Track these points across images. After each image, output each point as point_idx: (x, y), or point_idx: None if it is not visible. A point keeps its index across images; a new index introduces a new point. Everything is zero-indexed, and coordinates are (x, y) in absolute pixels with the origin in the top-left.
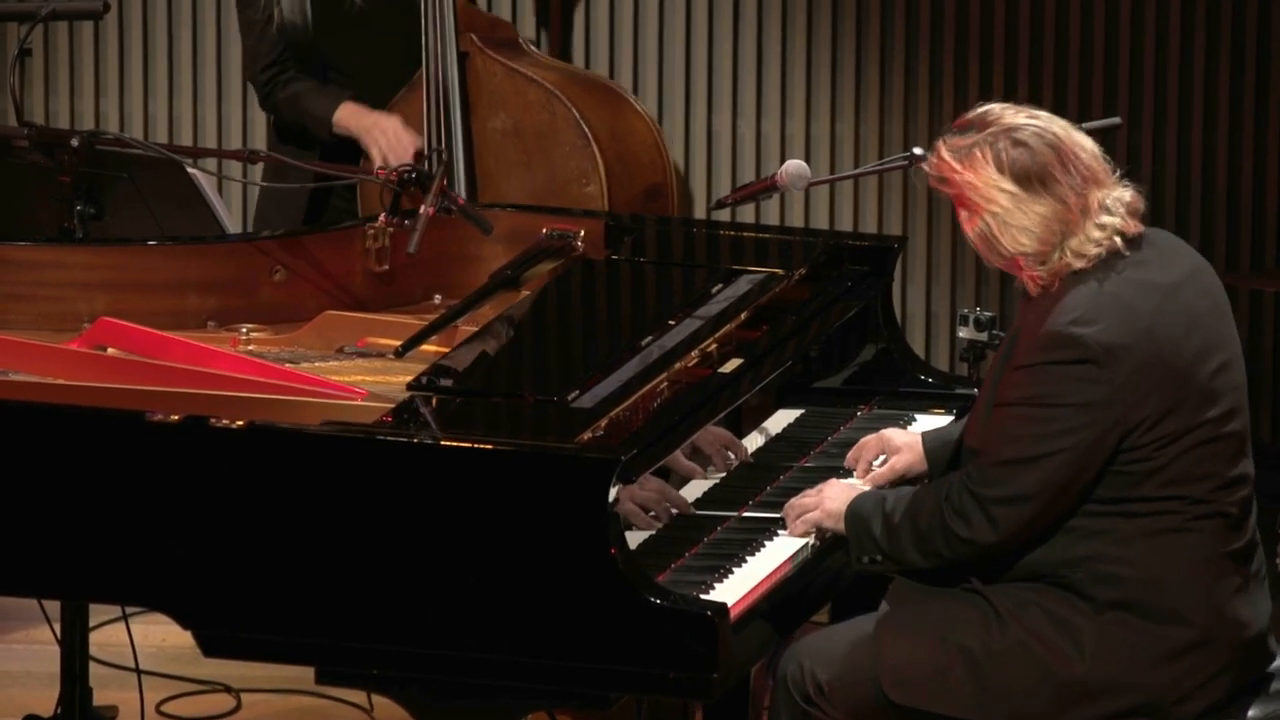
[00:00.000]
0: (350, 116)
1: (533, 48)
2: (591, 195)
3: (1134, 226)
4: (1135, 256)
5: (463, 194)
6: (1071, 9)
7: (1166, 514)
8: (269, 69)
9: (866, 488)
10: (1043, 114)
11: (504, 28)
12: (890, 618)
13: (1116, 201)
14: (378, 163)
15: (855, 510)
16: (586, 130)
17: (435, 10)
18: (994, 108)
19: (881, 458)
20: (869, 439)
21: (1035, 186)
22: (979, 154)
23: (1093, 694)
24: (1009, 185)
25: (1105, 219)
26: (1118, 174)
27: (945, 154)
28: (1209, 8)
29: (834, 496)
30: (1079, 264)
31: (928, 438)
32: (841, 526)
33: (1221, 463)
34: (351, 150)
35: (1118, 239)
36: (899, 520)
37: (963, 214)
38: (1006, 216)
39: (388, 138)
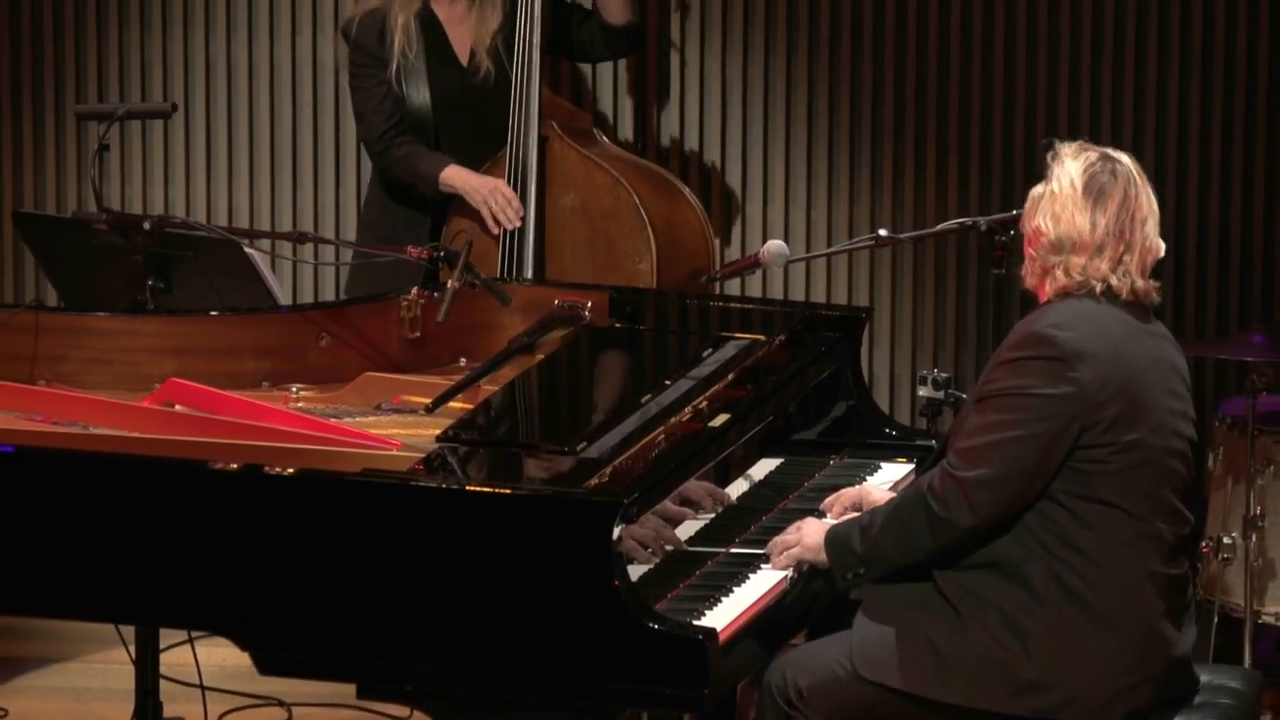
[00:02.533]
0: (455, 176)
1: (604, 138)
2: (643, 272)
3: (1128, 298)
4: (1122, 308)
5: (531, 259)
6: (1015, 115)
7: (1111, 524)
8: (385, 135)
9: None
10: (1145, 184)
11: (581, 118)
12: (867, 611)
13: (1129, 274)
14: (483, 212)
15: (834, 534)
16: (644, 215)
17: (523, 98)
18: (1118, 153)
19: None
20: (849, 490)
21: (1090, 199)
22: (1085, 154)
23: (1037, 689)
24: (1079, 182)
25: (1112, 275)
26: (1157, 283)
27: (1066, 146)
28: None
29: (811, 533)
30: (1064, 282)
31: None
32: (819, 558)
33: (1165, 489)
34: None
35: (1099, 285)
36: (880, 526)
37: (1038, 189)
38: (1056, 200)
39: (490, 192)
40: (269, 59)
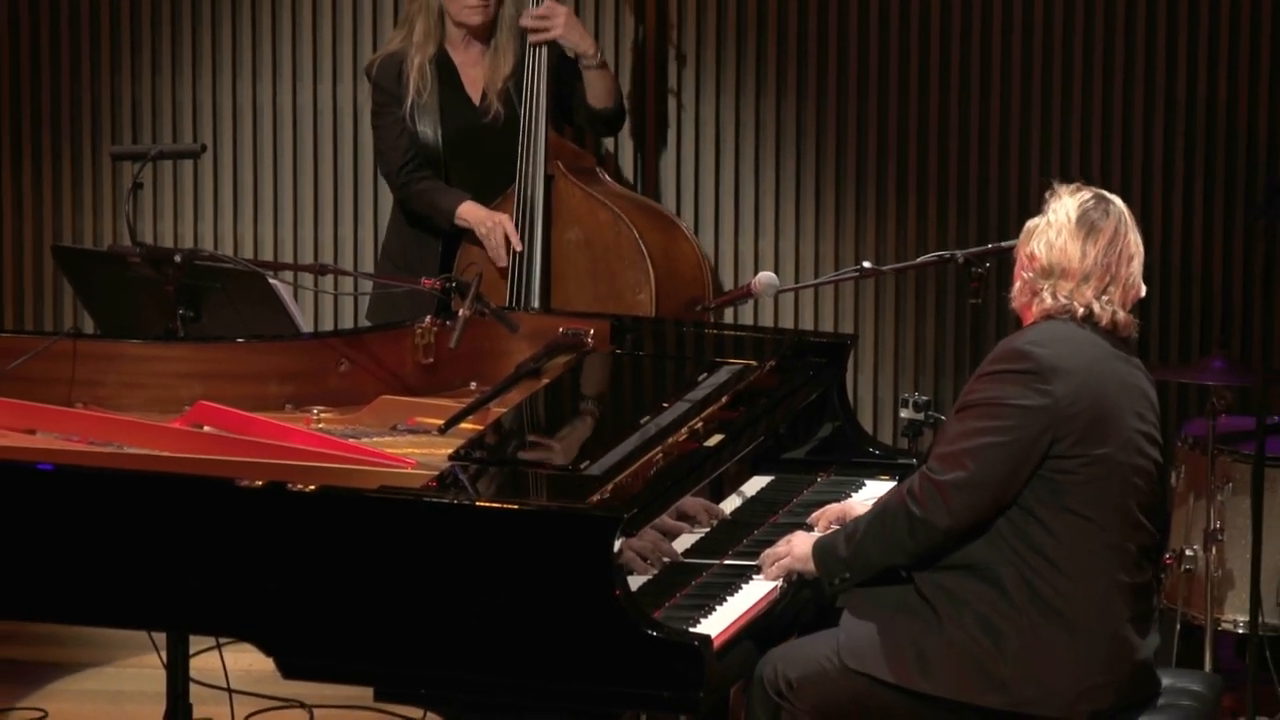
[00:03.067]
0: (469, 212)
1: (606, 176)
2: (642, 302)
3: (1107, 326)
4: (1098, 333)
5: (538, 289)
6: (989, 157)
7: (1079, 534)
8: (404, 169)
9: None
10: (1134, 226)
11: (585, 158)
12: (852, 611)
13: (1112, 304)
14: (490, 246)
15: (821, 543)
16: (643, 248)
17: (531, 139)
18: (1112, 195)
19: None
20: (834, 505)
21: (1083, 231)
22: (1081, 192)
23: (1010, 686)
24: (1073, 215)
25: (1096, 303)
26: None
27: (1064, 186)
28: (1124, 151)
29: (800, 544)
30: (1050, 305)
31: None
32: (807, 568)
33: (1131, 504)
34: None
35: (1080, 310)
36: (863, 530)
37: (1034, 220)
38: (1051, 228)
39: (491, 227)
40: (291, 103)
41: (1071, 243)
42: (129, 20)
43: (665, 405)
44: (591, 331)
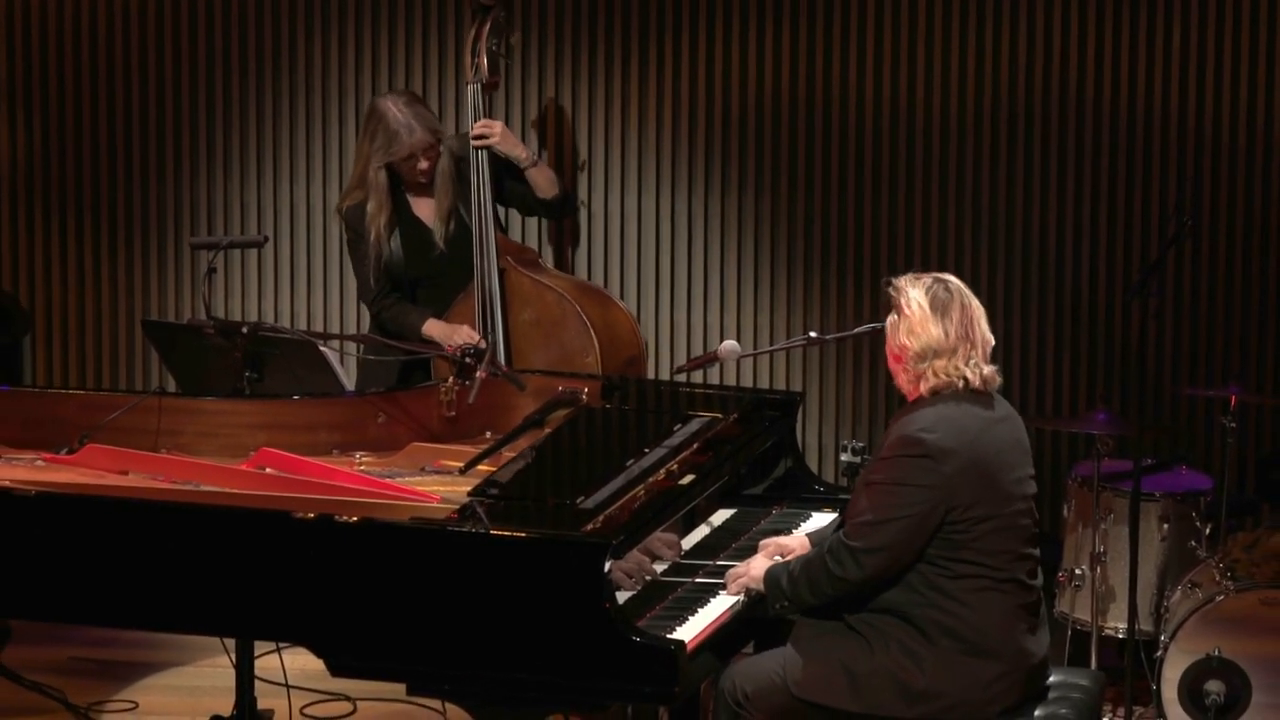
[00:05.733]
0: (433, 328)
1: (547, 265)
2: (590, 364)
3: (982, 388)
4: (971, 401)
5: (503, 362)
6: (914, 239)
7: (979, 576)
8: (379, 296)
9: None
10: (969, 291)
11: (529, 251)
12: (796, 644)
13: (979, 365)
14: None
15: (770, 573)
16: (586, 321)
17: (482, 243)
18: (944, 275)
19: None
20: (776, 538)
21: (937, 313)
22: (921, 280)
23: (929, 698)
24: (924, 302)
25: (966, 369)
26: (997, 367)
27: (901, 279)
28: (1024, 232)
29: (758, 566)
30: (934, 382)
31: (811, 536)
32: (762, 588)
33: (1016, 543)
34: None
35: (960, 382)
36: (799, 573)
37: (892, 317)
38: (910, 320)
39: (459, 338)
40: (338, 198)
41: (932, 326)
42: (205, 135)
43: (647, 450)
44: (586, 389)
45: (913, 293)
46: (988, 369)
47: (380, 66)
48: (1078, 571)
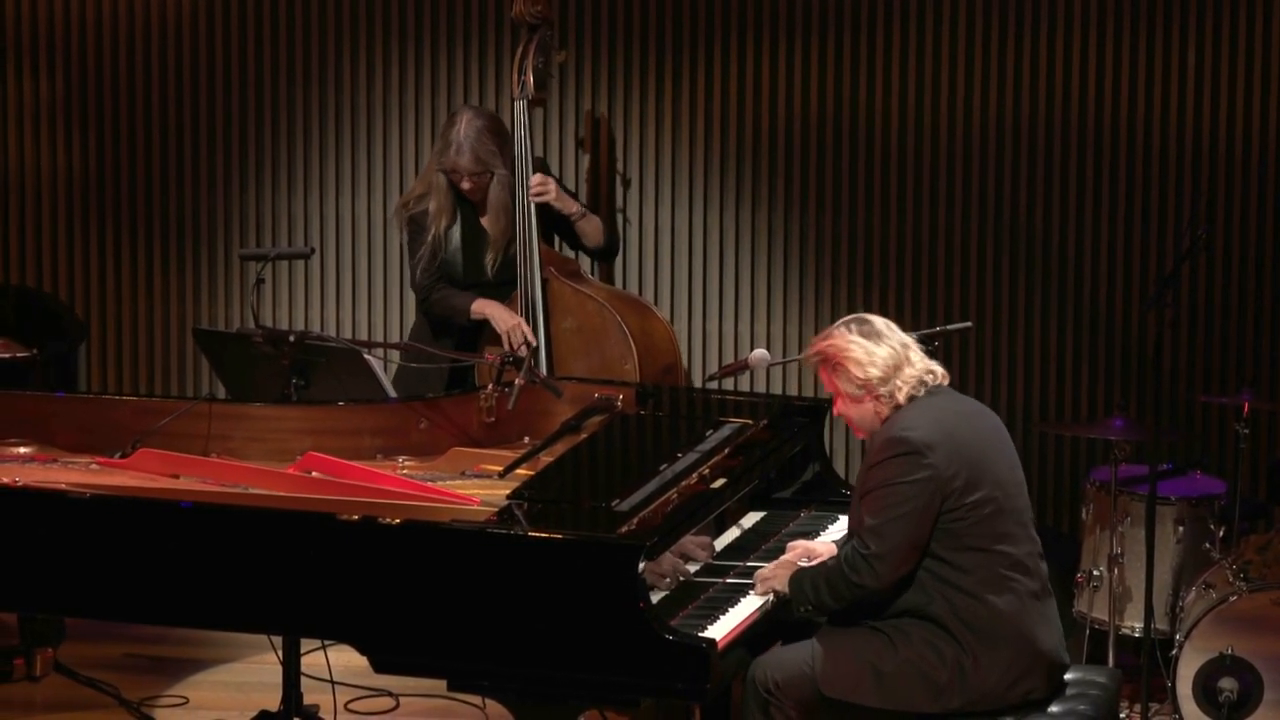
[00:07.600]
0: (484, 306)
1: (590, 274)
2: (629, 371)
3: (944, 380)
4: (940, 396)
5: (544, 369)
6: (938, 251)
7: (985, 567)
8: (428, 283)
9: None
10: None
11: (571, 262)
12: (824, 644)
13: (926, 363)
14: (504, 338)
15: (796, 577)
16: (625, 329)
17: (527, 253)
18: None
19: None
20: (802, 542)
21: (870, 340)
22: (840, 326)
23: (952, 691)
24: (855, 338)
25: (927, 365)
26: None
27: (815, 343)
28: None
29: (784, 570)
30: (909, 389)
31: (838, 543)
32: (788, 590)
33: (1016, 529)
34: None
35: (929, 378)
36: (823, 579)
37: (826, 375)
38: (851, 360)
39: (513, 328)
40: (383, 214)
41: (878, 349)
42: (254, 149)
43: (680, 455)
44: (621, 396)
45: (840, 337)
46: (935, 365)
47: (427, 83)
48: (1095, 573)
